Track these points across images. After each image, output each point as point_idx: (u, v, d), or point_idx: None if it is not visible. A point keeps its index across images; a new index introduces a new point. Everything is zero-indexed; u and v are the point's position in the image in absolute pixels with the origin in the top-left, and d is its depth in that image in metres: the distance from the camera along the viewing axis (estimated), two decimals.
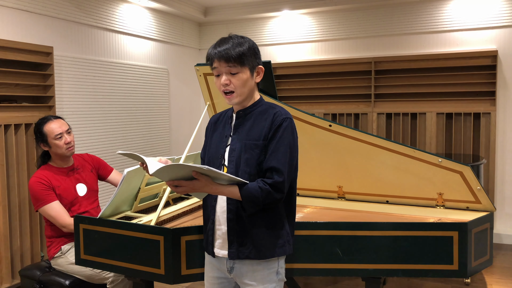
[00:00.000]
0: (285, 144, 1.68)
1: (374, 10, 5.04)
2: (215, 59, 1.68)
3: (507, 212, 4.65)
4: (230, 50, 1.65)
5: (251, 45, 1.71)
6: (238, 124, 1.77)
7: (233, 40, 1.68)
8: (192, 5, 5.36)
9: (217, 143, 1.80)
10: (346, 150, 2.74)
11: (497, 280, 3.66)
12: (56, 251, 2.68)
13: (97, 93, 4.31)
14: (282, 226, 1.75)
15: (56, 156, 2.72)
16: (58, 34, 3.92)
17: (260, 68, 1.75)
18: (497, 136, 4.61)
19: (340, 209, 2.74)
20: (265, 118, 1.72)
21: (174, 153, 5.44)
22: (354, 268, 2.21)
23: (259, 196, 1.63)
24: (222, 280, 1.85)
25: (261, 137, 1.69)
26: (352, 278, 3.64)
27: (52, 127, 2.67)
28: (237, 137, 1.74)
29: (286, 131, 1.68)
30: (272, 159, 1.66)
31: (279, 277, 1.79)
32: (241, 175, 1.68)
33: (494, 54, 4.48)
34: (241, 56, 1.65)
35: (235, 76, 1.68)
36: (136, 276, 2.20)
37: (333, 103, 5.17)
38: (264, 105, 1.77)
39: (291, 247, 1.80)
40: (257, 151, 1.68)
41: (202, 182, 1.62)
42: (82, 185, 2.77)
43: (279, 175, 1.64)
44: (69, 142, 2.69)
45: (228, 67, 1.67)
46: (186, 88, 5.73)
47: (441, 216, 2.49)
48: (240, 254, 1.72)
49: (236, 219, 1.71)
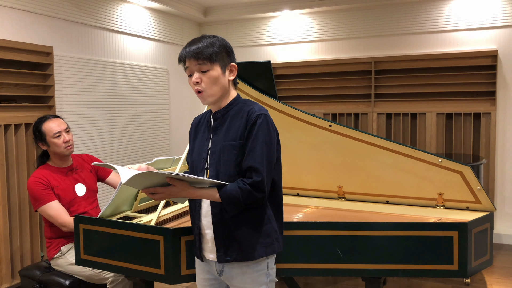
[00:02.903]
0: (261, 141, 1.63)
1: (374, 10, 5.04)
2: (186, 59, 1.67)
3: (507, 212, 4.65)
4: (200, 48, 1.64)
5: (222, 43, 1.69)
6: (216, 126, 1.74)
7: (205, 39, 1.67)
8: (192, 5, 5.36)
9: (199, 147, 1.78)
10: (346, 150, 2.74)
11: (497, 280, 3.66)
12: (56, 252, 2.68)
13: (97, 93, 4.31)
14: (269, 224, 1.72)
15: (54, 155, 2.71)
16: (58, 34, 3.92)
17: (233, 65, 1.72)
18: (497, 136, 4.61)
19: (340, 209, 2.74)
20: (241, 116, 1.68)
21: (174, 153, 5.44)
22: (354, 268, 2.21)
23: (239, 197, 1.60)
24: (213, 282, 1.84)
25: (237, 137, 1.66)
26: (352, 278, 3.64)
27: (50, 126, 2.66)
28: (216, 139, 1.72)
29: (260, 128, 1.64)
30: (250, 159, 1.63)
31: (270, 278, 1.76)
32: (222, 177, 1.66)
33: (494, 54, 4.48)
34: (211, 54, 1.64)
35: (206, 74, 1.66)
36: (136, 276, 2.20)
37: (333, 103, 5.17)
38: (240, 103, 1.74)
39: (280, 245, 1.77)
40: (234, 152, 1.66)
41: (178, 188, 1.61)
42: (81, 185, 2.77)
43: (257, 175, 1.61)
44: (68, 141, 2.68)
45: (198, 65, 1.65)
46: (186, 88, 5.73)
47: (441, 216, 2.49)
48: (228, 257, 1.70)
49: (220, 222, 1.69)
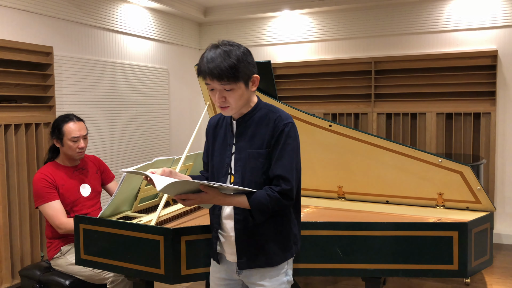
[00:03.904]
0: (289, 150, 1.65)
1: (374, 10, 5.04)
2: (207, 77, 1.60)
3: (507, 212, 4.65)
4: (223, 69, 1.56)
5: (241, 55, 1.60)
6: (239, 132, 1.73)
7: (224, 52, 1.58)
8: (192, 5, 5.36)
9: (221, 152, 1.77)
10: (346, 150, 2.74)
11: (497, 280, 3.66)
12: (56, 252, 2.68)
13: (97, 93, 4.31)
14: (290, 229, 1.75)
15: (65, 155, 2.73)
16: (58, 34, 3.92)
17: (256, 77, 1.68)
18: (497, 136, 4.61)
19: (340, 209, 2.73)
20: (266, 124, 1.68)
21: (174, 153, 5.43)
22: (354, 268, 2.21)
23: (268, 204, 1.62)
24: (229, 282, 1.84)
25: (263, 145, 1.67)
26: (352, 278, 3.64)
27: (72, 128, 2.66)
28: (241, 146, 1.72)
29: (288, 137, 1.65)
30: (278, 167, 1.64)
31: (288, 278, 1.79)
32: (248, 184, 1.67)
33: (494, 54, 4.48)
34: (234, 72, 1.57)
35: (230, 93, 1.62)
36: (136, 276, 2.20)
37: (333, 103, 5.17)
38: (263, 108, 1.72)
39: (297, 247, 1.81)
40: (261, 160, 1.67)
41: (209, 195, 1.61)
42: (86, 186, 2.77)
43: (286, 183, 1.63)
44: (82, 148, 2.70)
45: (222, 85, 1.60)
46: (186, 88, 5.73)
47: (441, 216, 2.49)
48: (251, 263, 1.72)
49: (243, 229, 1.70)
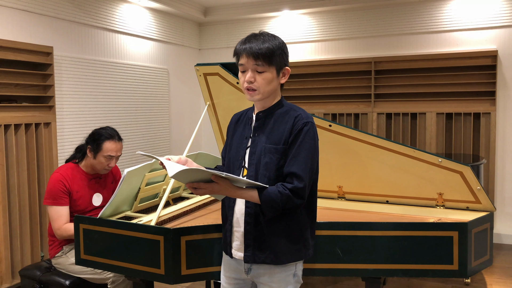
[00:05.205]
0: (306, 149, 1.64)
1: (374, 10, 5.04)
2: (243, 55, 1.64)
3: (507, 212, 4.65)
4: (262, 49, 1.61)
5: (281, 44, 1.67)
6: (258, 126, 1.73)
7: (264, 37, 1.65)
8: (192, 5, 5.36)
9: (237, 145, 1.77)
10: (346, 150, 2.74)
11: (497, 280, 3.66)
12: (58, 251, 2.68)
13: (97, 93, 4.31)
14: (302, 230, 1.72)
15: (91, 165, 2.70)
16: (58, 34, 3.92)
17: (287, 69, 1.71)
18: (497, 136, 4.61)
19: (340, 209, 2.73)
20: (286, 121, 1.68)
21: (174, 153, 5.43)
22: (354, 268, 2.20)
23: (279, 201, 1.59)
24: (239, 281, 1.83)
25: (281, 141, 1.65)
26: (352, 278, 3.64)
27: (111, 148, 2.64)
28: (257, 140, 1.71)
29: (307, 136, 1.64)
30: (293, 165, 1.62)
31: (296, 279, 1.76)
32: (261, 179, 1.66)
33: (494, 54, 4.48)
34: (270, 55, 1.62)
35: (261, 75, 1.65)
36: (136, 276, 2.20)
37: (333, 103, 5.17)
38: (285, 106, 1.74)
39: (309, 252, 1.76)
40: (277, 156, 1.65)
41: (221, 186, 1.60)
42: (99, 195, 2.77)
43: (299, 181, 1.61)
44: (111, 166, 2.70)
45: (256, 65, 1.63)
46: (186, 88, 5.73)
47: (441, 216, 2.49)
48: (256, 258, 1.70)
49: (254, 222, 1.68)
